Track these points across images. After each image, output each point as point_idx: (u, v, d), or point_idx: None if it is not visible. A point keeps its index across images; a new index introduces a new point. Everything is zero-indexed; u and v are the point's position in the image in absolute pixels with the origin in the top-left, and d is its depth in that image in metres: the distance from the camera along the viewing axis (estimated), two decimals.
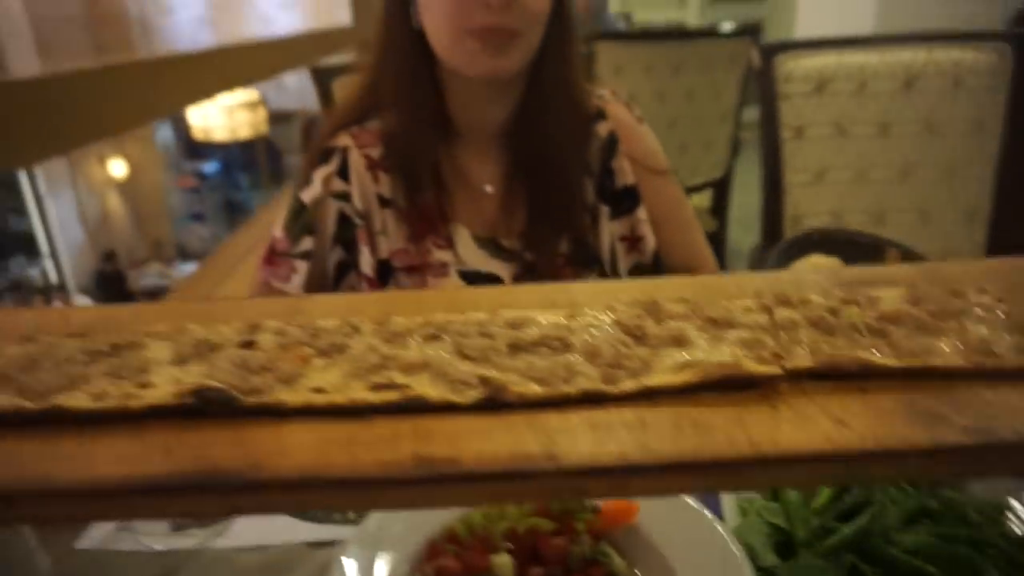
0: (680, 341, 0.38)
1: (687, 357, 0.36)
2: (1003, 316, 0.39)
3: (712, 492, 0.55)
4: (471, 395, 0.34)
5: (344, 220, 1.03)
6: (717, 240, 2.73)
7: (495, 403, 0.33)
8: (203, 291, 2.15)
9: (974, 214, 1.59)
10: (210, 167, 9.78)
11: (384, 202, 1.03)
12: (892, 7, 2.46)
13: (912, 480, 0.53)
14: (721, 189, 2.75)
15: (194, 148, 9.14)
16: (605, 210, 1.07)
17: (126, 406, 0.34)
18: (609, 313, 0.40)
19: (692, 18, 7.08)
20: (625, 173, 1.08)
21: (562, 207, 1.05)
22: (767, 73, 1.58)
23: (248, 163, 9.85)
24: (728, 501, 0.56)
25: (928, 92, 1.55)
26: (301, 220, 1.03)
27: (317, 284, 1.06)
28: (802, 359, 0.35)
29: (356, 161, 1.03)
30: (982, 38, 1.54)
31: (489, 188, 1.06)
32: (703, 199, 2.78)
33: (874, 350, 0.36)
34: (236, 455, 0.31)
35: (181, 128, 7.68)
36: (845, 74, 1.57)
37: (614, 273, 1.09)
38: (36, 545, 0.55)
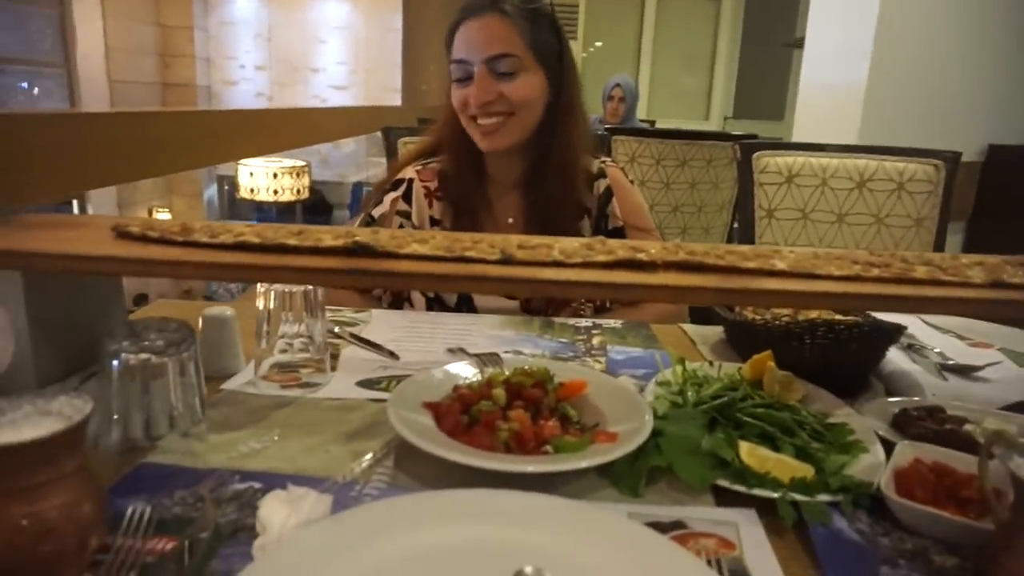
0: (613, 252, 0.69)
1: (620, 254, 0.68)
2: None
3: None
4: (496, 256, 0.65)
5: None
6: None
7: (508, 260, 0.65)
8: None
9: None
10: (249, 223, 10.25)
11: (434, 222, 1.37)
12: (873, 127, 2.86)
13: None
14: None
15: (236, 205, 9.62)
16: None
17: (317, 246, 0.66)
18: (576, 242, 0.72)
19: (713, 129, 7.62)
20: (617, 218, 1.41)
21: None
22: (746, 164, 1.93)
23: (285, 222, 10.33)
24: (650, 388, 0.86)
25: (877, 192, 1.89)
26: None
27: None
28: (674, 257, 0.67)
29: (418, 190, 1.37)
30: (921, 153, 1.89)
31: (510, 220, 1.39)
32: None
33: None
34: (381, 266, 0.63)
35: (229, 186, 8.21)
36: (810, 171, 1.92)
37: None
38: (201, 381, 0.83)
